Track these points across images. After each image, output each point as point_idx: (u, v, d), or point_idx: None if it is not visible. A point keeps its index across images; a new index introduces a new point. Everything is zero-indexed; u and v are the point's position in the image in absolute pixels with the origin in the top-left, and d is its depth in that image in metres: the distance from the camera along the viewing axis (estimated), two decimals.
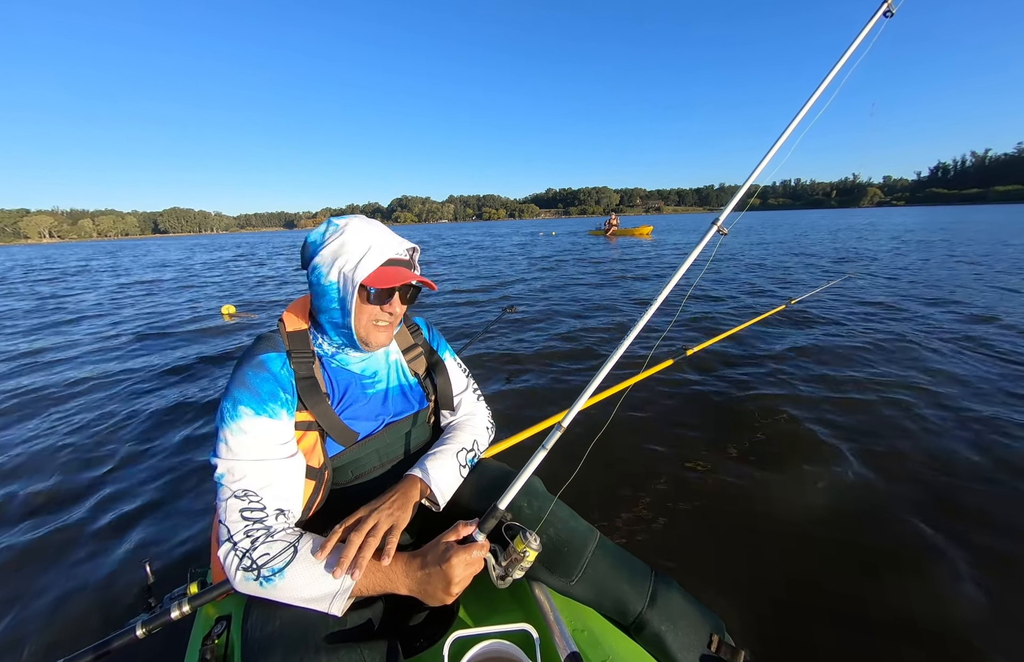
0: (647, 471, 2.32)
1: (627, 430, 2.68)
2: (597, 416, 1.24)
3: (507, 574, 0.89)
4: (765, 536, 1.86)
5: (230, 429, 0.87)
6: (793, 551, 1.78)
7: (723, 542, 1.85)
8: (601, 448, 1.07)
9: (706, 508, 2.04)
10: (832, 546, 1.79)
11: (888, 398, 2.95)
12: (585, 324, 5.42)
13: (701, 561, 1.76)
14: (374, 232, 1.00)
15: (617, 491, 2.17)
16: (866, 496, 2.06)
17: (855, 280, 7.56)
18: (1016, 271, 8.21)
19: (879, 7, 1.13)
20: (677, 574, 1.08)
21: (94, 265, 21.14)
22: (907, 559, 1.71)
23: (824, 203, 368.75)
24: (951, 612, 1.50)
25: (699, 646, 0.97)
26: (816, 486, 2.16)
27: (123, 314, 7.74)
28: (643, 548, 1.10)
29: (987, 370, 3.39)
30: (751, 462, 2.36)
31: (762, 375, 3.39)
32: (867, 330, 4.58)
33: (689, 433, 2.66)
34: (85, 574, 1.89)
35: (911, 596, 1.56)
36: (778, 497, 2.09)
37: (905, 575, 1.64)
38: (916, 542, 1.78)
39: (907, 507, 1.97)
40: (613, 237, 24.42)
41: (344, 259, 0.96)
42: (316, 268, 0.98)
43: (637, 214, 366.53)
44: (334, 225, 1.00)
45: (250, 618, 0.84)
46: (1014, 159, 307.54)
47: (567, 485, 1.05)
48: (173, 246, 53.44)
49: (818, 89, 1.10)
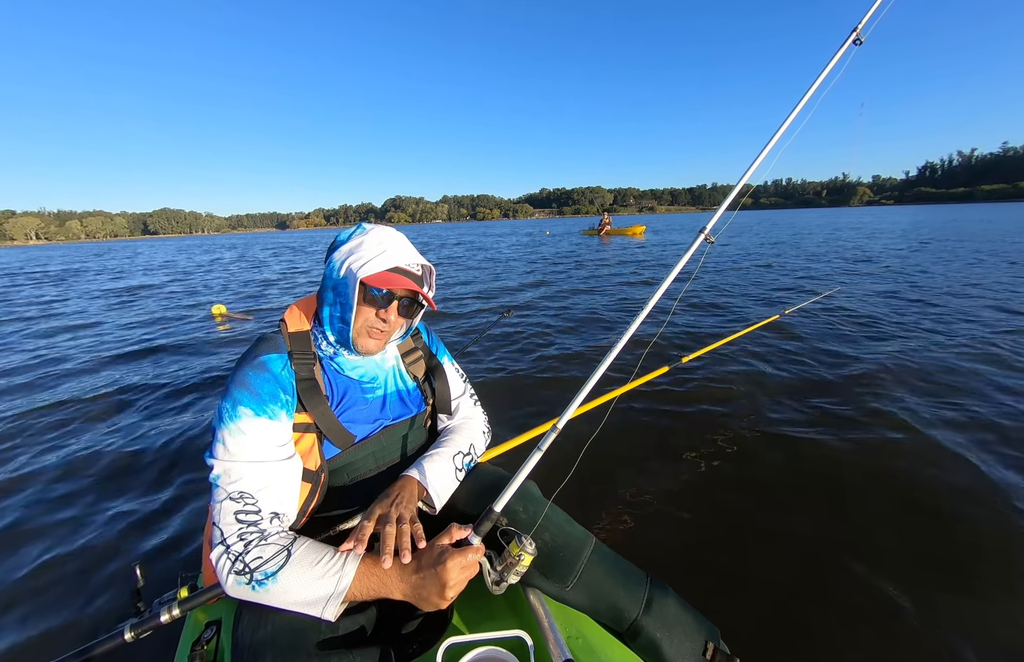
0: (643, 477, 2.32)
1: (624, 436, 2.69)
2: (593, 421, 1.24)
3: (502, 579, 0.88)
4: (761, 543, 1.87)
5: (229, 430, 0.86)
6: (789, 559, 1.78)
7: (719, 548, 1.85)
8: (597, 454, 1.07)
9: (702, 514, 2.04)
10: (829, 555, 1.79)
11: (887, 410, 2.90)
12: (583, 328, 5.43)
13: (696, 567, 1.76)
14: (393, 240, 1.02)
15: (613, 497, 2.17)
16: (867, 508, 2.05)
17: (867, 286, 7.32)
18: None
19: (848, 36, 1.18)
20: (672, 580, 1.07)
21: (91, 266, 20.85)
22: (900, 572, 1.71)
23: (815, 202, 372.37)
24: (932, 615, 1.52)
25: (694, 653, 0.97)
26: (813, 494, 2.16)
27: (116, 319, 7.62)
28: (638, 554, 1.10)
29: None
30: (746, 469, 2.36)
31: (756, 384, 3.40)
32: (871, 340, 4.59)
33: (684, 440, 2.66)
34: (73, 577, 1.87)
35: (909, 608, 1.55)
36: (774, 505, 2.09)
37: (900, 588, 1.63)
38: (909, 557, 1.77)
39: (907, 519, 1.96)
40: (607, 237, 24.49)
41: (356, 256, 0.98)
42: (332, 261, 1.01)
43: (631, 213, 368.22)
44: (362, 228, 1.05)
45: (241, 623, 0.83)
46: (999, 158, 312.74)
47: (561, 488, 1.05)
48: (168, 247, 52.87)
49: (792, 113, 1.15)
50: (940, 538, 1.85)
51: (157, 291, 10.82)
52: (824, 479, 2.27)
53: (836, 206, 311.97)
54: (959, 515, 1.96)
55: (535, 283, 9.24)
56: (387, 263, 0.98)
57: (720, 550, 1.85)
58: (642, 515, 2.05)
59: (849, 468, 2.34)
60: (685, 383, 3.41)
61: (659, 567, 1.53)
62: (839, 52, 1.17)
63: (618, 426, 2.76)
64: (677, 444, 2.63)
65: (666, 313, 2.49)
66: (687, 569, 1.75)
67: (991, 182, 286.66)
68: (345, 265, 0.98)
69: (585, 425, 1.28)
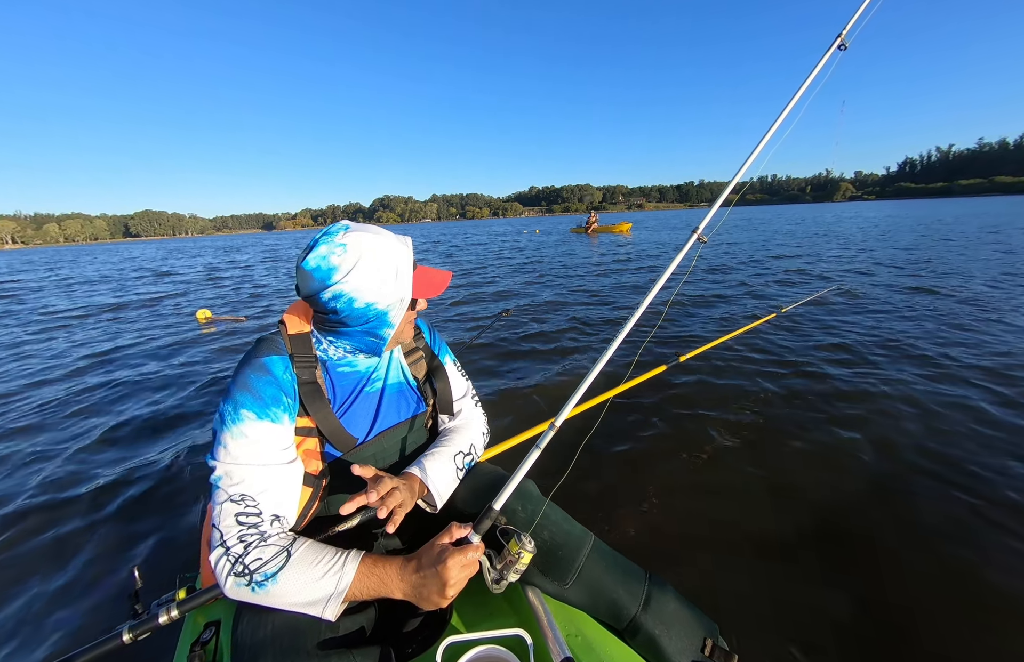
0: (641, 474, 2.33)
1: (621, 434, 2.70)
2: (591, 420, 1.25)
3: (502, 577, 0.88)
4: (760, 539, 1.88)
5: (230, 432, 0.85)
6: (789, 556, 1.80)
7: (717, 545, 1.86)
8: (595, 452, 1.07)
9: (700, 511, 2.06)
10: (829, 551, 1.80)
11: (888, 406, 2.93)
12: (580, 327, 5.43)
13: (695, 564, 1.77)
14: (388, 244, 0.96)
15: (611, 494, 2.18)
16: (865, 504, 2.07)
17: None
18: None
19: (833, 42, 1.20)
20: (671, 577, 1.08)
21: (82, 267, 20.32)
22: (904, 565, 1.73)
23: (800, 198, 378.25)
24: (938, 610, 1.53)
25: (693, 650, 0.97)
26: (812, 490, 2.18)
27: (111, 323, 7.46)
28: (637, 551, 1.11)
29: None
30: (744, 466, 2.38)
31: (753, 382, 3.43)
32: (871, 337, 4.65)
33: (682, 437, 2.68)
34: (71, 579, 1.86)
35: (906, 604, 1.57)
36: (774, 502, 2.11)
37: (901, 581, 1.65)
38: (910, 554, 1.78)
39: (909, 516, 1.97)
40: (594, 234, 24.60)
41: (379, 281, 0.93)
42: (340, 296, 0.90)
43: (620, 210, 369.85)
44: (340, 246, 0.90)
45: (240, 623, 0.83)
46: (976, 154, 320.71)
47: (559, 486, 1.05)
48: (152, 249, 51.75)
49: (780, 117, 1.17)
50: (942, 536, 1.84)
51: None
52: (824, 474, 2.29)
53: (820, 202, 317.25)
54: (962, 511, 1.96)
55: (532, 282, 9.25)
56: (408, 270, 0.98)
57: (718, 546, 1.85)
58: (640, 512, 2.06)
59: (850, 463, 2.36)
60: (683, 381, 3.44)
61: (658, 564, 1.55)
62: (824, 57, 1.19)
63: (616, 424, 2.77)
64: (675, 441, 2.65)
65: (661, 311, 2.50)
66: (685, 566, 1.76)
67: (968, 177, 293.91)
68: (370, 293, 0.92)
69: (582, 423, 1.29)
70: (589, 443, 1.17)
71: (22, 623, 1.67)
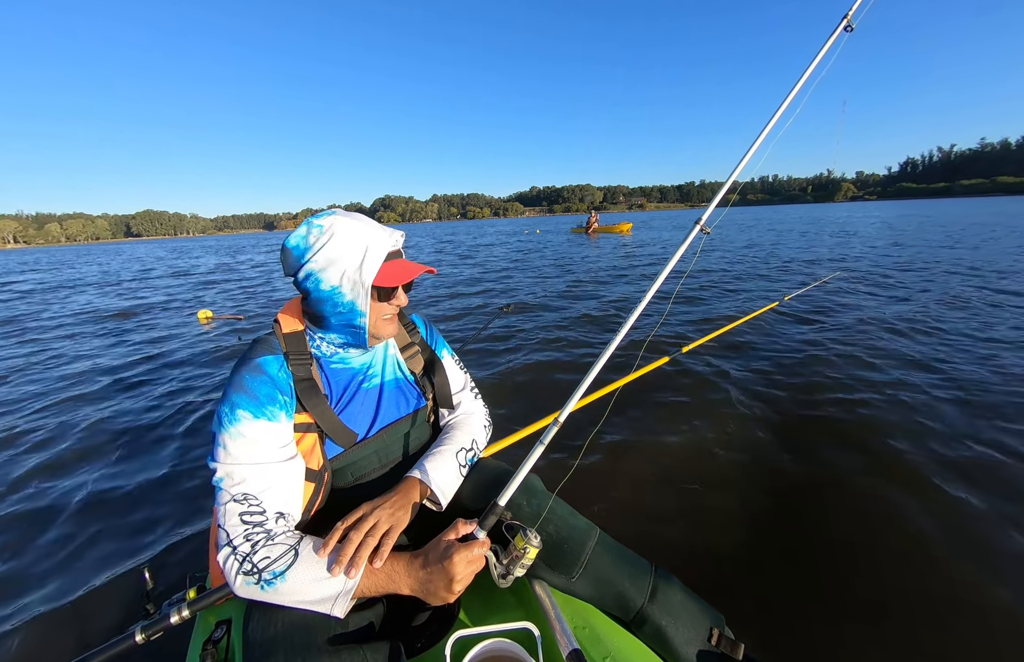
0: (645, 467, 2.33)
1: (625, 427, 2.70)
2: (595, 413, 1.25)
3: (508, 572, 0.89)
4: (765, 530, 1.88)
5: (228, 433, 0.86)
6: (794, 545, 1.79)
7: (723, 536, 1.86)
8: (599, 446, 1.08)
9: (705, 502, 2.05)
10: (834, 541, 1.80)
11: (897, 396, 2.92)
12: (582, 322, 5.44)
13: (701, 555, 1.77)
14: (364, 229, 0.96)
15: (616, 487, 2.18)
16: (873, 494, 2.05)
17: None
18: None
19: (839, 23, 1.18)
20: (677, 569, 1.08)
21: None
22: (911, 557, 1.72)
23: (800, 198, 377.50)
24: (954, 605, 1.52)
25: (699, 640, 0.98)
26: (817, 480, 2.17)
27: (111, 324, 7.48)
28: (643, 543, 1.10)
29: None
30: (748, 456, 2.38)
31: (757, 371, 3.43)
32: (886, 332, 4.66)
33: (686, 428, 2.68)
34: (83, 581, 1.86)
35: (915, 593, 1.56)
36: (779, 491, 2.11)
37: (908, 574, 1.65)
38: (923, 542, 1.77)
39: (916, 508, 1.95)
40: (594, 234, 24.58)
41: (344, 262, 0.93)
42: (310, 275, 0.94)
43: (620, 210, 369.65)
44: (317, 226, 0.94)
45: (251, 621, 0.83)
46: (977, 154, 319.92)
47: (566, 480, 1.06)
48: (156, 248, 51.85)
49: (785, 101, 1.15)
50: (943, 532, 1.82)
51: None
52: (829, 465, 2.28)
53: (821, 202, 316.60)
54: (966, 508, 1.94)
55: (534, 279, 9.25)
56: (380, 256, 0.95)
57: (724, 537, 1.85)
58: (645, 504, 2.06)
59: (855, 452, 2.35)
60: (686, 373, 3.44)
61: (663, 556, 1.55)
62: (831, 39, 1.17)
63: (619, 417, 2.78)
64: (678, 433, 2.64)
65: (665, 301, 2.50)
66: (691, 557, 1.76)
67: (969, 177, 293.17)
68: (334, 274, 0.93)
69: (587, 417, 1.29)
70: (592, 437, 1.17)
71: (35, 626, 1.67)
